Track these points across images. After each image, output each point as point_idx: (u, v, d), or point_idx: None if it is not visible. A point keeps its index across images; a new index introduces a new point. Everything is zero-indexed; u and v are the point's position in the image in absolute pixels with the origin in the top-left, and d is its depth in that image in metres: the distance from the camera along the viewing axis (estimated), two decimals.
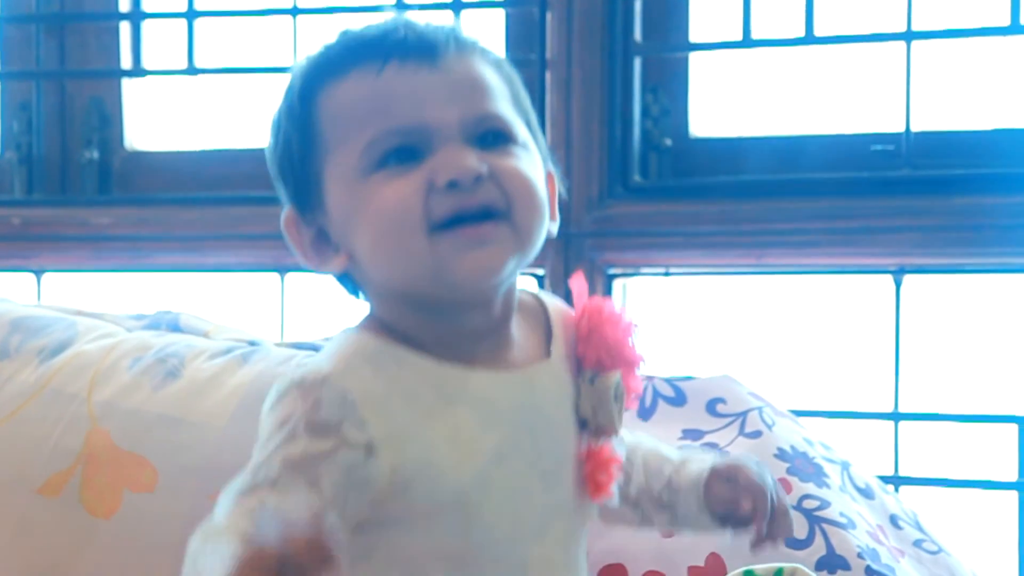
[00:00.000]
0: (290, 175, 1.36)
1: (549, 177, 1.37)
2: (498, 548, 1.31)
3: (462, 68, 1.32)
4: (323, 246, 1.36)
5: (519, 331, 1.37)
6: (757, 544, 1.42)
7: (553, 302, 1.43)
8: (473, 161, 1.28)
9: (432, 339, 1.32)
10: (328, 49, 1.35)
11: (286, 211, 1.38)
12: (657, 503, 1.45)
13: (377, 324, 1.35)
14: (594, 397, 1.37)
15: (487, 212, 1.28)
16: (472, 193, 1.27)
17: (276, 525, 1.09)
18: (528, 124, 1.36)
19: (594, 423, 1.37)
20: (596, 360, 1.38)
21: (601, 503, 1.40)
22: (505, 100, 1.34)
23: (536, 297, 1.42)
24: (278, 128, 1.37)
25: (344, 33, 1.36)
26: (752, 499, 1.40)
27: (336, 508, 1.22)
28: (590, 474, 1.37)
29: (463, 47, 1.33)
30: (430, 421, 1.28)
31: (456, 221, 1.27)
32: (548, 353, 1.38)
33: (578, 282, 1.41)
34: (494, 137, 1.31)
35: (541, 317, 1.41)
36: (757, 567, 1.53)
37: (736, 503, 1.40)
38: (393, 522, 1.28)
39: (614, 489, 1.39)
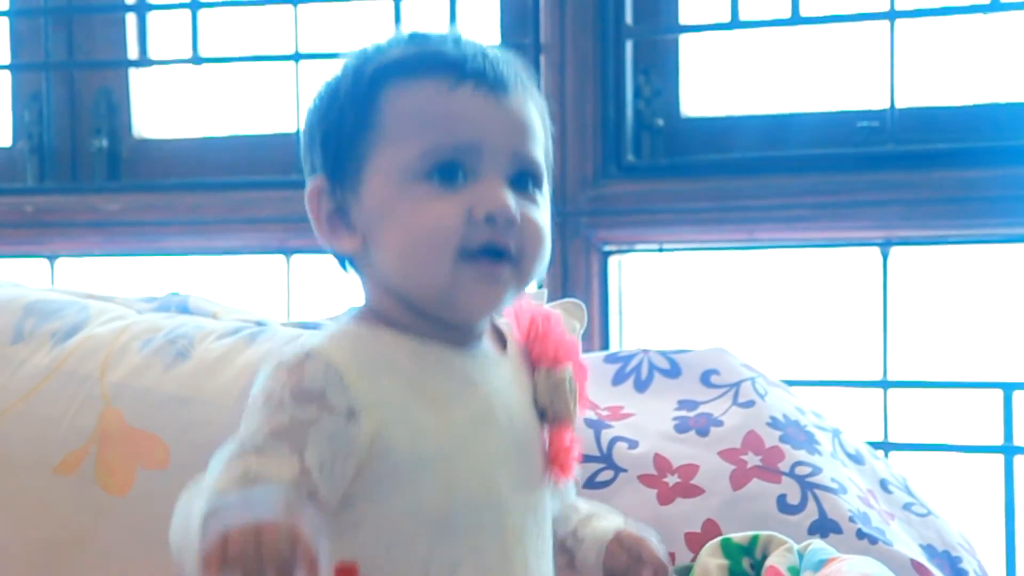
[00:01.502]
0: (332, 147, 1.39)
1: None
2: (476, 513, 1.36)
3: (521, 108, 1.38)
4: (338, 222, 1.40)
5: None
6: None
7: (498, 317, 1.49)
8: (512, 203, 1.34)
9: (415, 327, 1.38)
10: (403, 48, 1.39)
11: (316, 179, 1.41)
12: (560, 546, 1.50)
13: (369, 315, 1.40)
14: (550, 387, 1.44)
15: (503, 253, 1.35)
16: (502, 233, 1.34)
17: (250, 509, 1.15)
18: (548, 168, 1.43)
19: (551, 412, 1.44)
20: (552, 356, 1.45)
21: (564, 484, 1.47)
22: (542, 146, 1.40)
23: None
24: (333, 100, 1.40)
25: (419, 38, 1.40)
26: (654, 572, 1.45)
27: (323, 476, 1.27)
28: (554, 456, 1.43)
29: (525, 88, 1.40)
30: (410, 388, 1.34)
31: (481, 253, 1.34)
32: (505, 350, 1.45)
33: (523, 299, 1.48)
34: (528, 179, 1.38)
35: (491, 327, 1.47)
36: (734, 535, 1.56)
37: (634, 572, 1.46)
38: (377, 490, 1.32)
39: (577, 470, 1.46)
